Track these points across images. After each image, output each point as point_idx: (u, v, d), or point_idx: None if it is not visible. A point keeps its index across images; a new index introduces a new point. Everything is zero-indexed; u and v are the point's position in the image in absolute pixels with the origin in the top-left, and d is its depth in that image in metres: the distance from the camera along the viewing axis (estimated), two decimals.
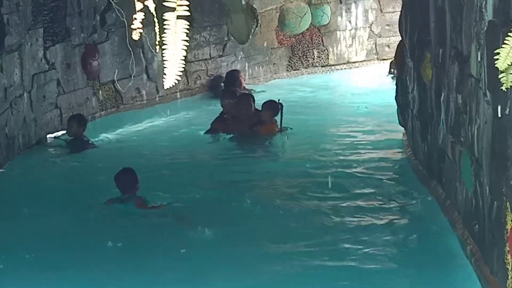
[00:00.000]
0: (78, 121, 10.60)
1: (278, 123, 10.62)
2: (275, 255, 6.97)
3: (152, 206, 8.02)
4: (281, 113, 10.56)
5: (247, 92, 11.86)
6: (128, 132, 11.43)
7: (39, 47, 10.67)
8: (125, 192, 8.06)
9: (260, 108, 10.83)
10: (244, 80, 13.31)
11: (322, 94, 13.49)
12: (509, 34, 3.79)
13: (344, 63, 15.10)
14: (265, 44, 14.38)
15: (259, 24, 11.19)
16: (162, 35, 3.44)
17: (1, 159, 9.44)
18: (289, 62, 14.76)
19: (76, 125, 10.52)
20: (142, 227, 7.65)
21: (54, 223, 7.76)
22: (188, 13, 3.40)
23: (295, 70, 14.79)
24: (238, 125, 10.68)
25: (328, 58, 15.03)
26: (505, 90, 4.10)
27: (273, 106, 10.64)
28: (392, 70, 14.39)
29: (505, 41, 3.78)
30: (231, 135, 10.69)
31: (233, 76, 13.16)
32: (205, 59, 13.61)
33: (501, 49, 3.78)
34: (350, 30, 15.17)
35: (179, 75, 3.47)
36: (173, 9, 3.38)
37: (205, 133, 10.81)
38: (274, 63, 14.60)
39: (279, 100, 10.65)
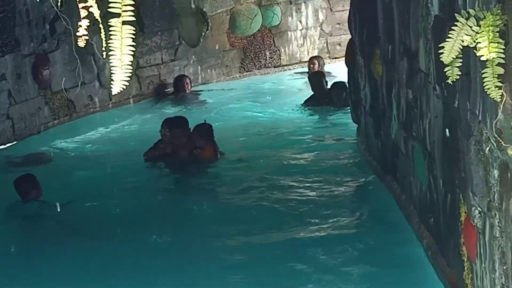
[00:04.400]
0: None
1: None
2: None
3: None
4: (212, 133, 9.67)
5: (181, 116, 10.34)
6: (80, 140, 11.36)
7: None
8: (23, 197, 8.26)
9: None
10: (190, 84, 13.31)
11: (271, 96, 13.46)
12: (452, 28, 3.84)
13: (296, 63, 15.14)
14: (217, 47, 14.38)
15: (209, 27, 11.17)
16: (109, 42, 3.44)
17: None
18: (242, 64, 14.77)
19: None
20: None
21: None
22: (133, 19, 3.39)
23: (247, 71, 14.81)
24: (175, 150, 9.66)
25: (280, 58, 15.07)
26: (452, 84, 4.15)
27: (205, 131, 9.68)
28: (311, 66, 14.39)
29: (448, 35, 3.83)
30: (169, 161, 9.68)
31: (178, 81, 13.29)
32: (157, 64, 13.58)
33: (446, 43, 3.83)
34: (301, 30, 15.22)
35: (130, 80, 3.47)
36: (119, 15, 3.38)
37: (146, 161, 9.78)
38: (227, 65, 14.60)
39: (205, 120, 9.81)
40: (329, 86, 12.11)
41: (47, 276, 6.80)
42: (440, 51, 3.92)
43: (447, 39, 3.86)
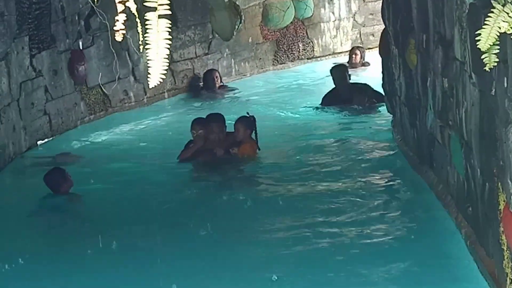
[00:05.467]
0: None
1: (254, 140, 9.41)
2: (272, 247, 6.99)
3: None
4: (255, 127, 9.41)
5: (216, 112, 9.99)
6: (117, 135, 11.43)
7: (25, 55, 10.67)
8: (54, 192, 8.28)
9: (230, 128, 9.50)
10: (217, 79, 13.28)
11: (305, 87, 13.43)
12: (489, 15, 3.82)
13: (329, 54, 15.14)
14: (250, 40, 14.40)
15: (243, 20, 11.19)
16: (145, 36, 3.46)
17: None
18: (275, 56, 14.79)
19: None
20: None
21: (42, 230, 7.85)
22: (169, 12, 3.42)
23: (281, 64, 14.82)
24: (208, 152, 9.36)
25: (313, 50, 15.06)
26: (489, 71, 4.13)
27: (248, 122, 9.38)
28: (353, 56, 14.22)
29: (485, 22, 3.81)
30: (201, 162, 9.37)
31: (207, 76, 13.27)
32: (191, 58, 13.63)
33: (482, 30, 3.81)
34: (334, 21, 15.20)
35: (164, 75, 3.50)
36: (155, 9, 3.41)
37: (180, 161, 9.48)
38: (260, 58, 14.62)
39: (248, 113, 9.50)
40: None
41: (74, 269, 6.75)
42: (476, 39, 3.91)
43: (483, 26, 3.84)
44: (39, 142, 10.91)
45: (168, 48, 3.47)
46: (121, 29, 3.41)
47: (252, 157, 9.41)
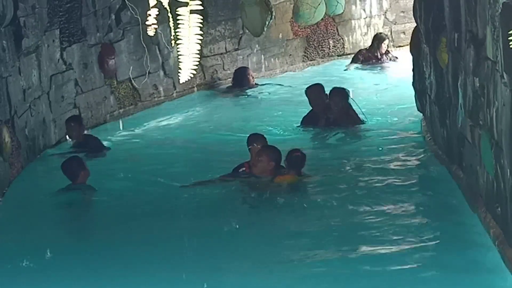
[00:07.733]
0: (77, 120, 10.37)
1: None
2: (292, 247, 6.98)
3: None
4: (303, 165, 8.58)
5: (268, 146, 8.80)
6: (146, 129, 11.46)
7: (56, 48, 10.73)
8: (71, 180, 8.36)
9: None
10: (253, 77, 13.24)
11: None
12: None
13: None
14: (280, 36, 14.38)
15: (273, 16, 11.18)
16: (177, 30, 3.47)
17: (22, 160, 9.50)
18: (305, 52, 14.76)
19: (78, 125, 10.24)
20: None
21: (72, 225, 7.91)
22: (201, 7, 3.43)
23: (311, 60, 14.79)
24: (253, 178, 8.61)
25: (344, 47, 15.02)
26: None
27: (298, 161, 8.55)
28: (382, 46, 14.06)
29: None
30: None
31: (241, 73, 13.18)
32: (221, 53, 13.63)
33: None
34: (365, 19, 15.15)
35: (194, 70, 3.51)
36: (186, 4, 3.42)
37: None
38: (290, 54, 14.60)
39: (300, 150, 8.64)
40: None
41: (92, 263, 6.75)
42: (509, 38, 3.88)
43: None
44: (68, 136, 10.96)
45: (199, 44, 3.47)
46: (153, 24, 3.43)
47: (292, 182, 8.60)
